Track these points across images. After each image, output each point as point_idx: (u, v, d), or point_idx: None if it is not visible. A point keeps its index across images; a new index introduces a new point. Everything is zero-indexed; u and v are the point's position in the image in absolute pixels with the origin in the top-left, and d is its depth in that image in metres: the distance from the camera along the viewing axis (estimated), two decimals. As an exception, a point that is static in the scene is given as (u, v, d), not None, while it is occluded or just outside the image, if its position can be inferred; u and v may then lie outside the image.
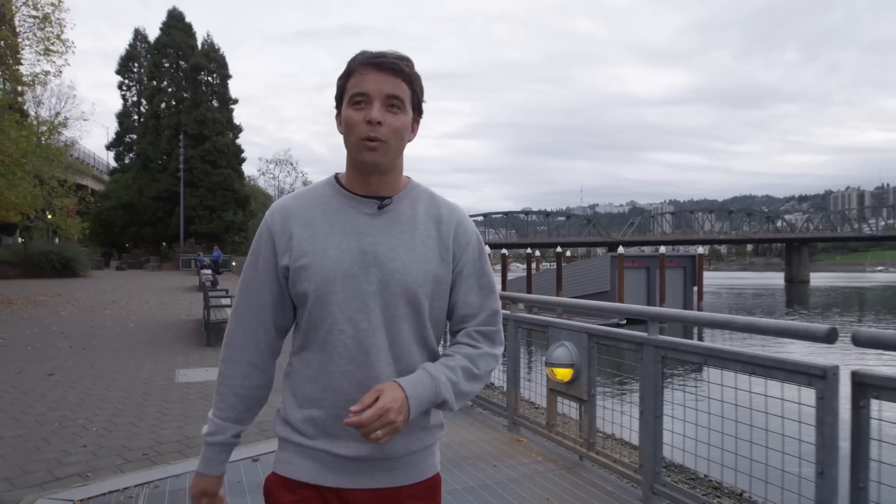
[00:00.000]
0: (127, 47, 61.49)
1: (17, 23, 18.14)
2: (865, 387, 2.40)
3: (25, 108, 24.20)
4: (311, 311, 1.26)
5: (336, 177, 1.35)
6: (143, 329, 11.61)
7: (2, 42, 17.91)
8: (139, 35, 62.11)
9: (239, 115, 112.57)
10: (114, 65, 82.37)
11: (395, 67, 1.24)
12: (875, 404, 2.38)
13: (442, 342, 1.44)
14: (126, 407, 5.65)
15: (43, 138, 19.51)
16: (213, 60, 50.18)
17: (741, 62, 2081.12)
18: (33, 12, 18.32)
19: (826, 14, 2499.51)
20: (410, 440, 1.29)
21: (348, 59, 1.29)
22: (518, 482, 3.77)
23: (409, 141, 1.31)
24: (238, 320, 1.34)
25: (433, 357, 1.33)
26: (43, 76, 19.30)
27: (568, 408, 4.49)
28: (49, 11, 18.01)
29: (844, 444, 2.50)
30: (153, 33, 60.04)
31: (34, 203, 20.06)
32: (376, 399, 1.15)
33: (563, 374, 4.15)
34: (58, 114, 26.39)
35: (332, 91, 1.34)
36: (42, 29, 18.29)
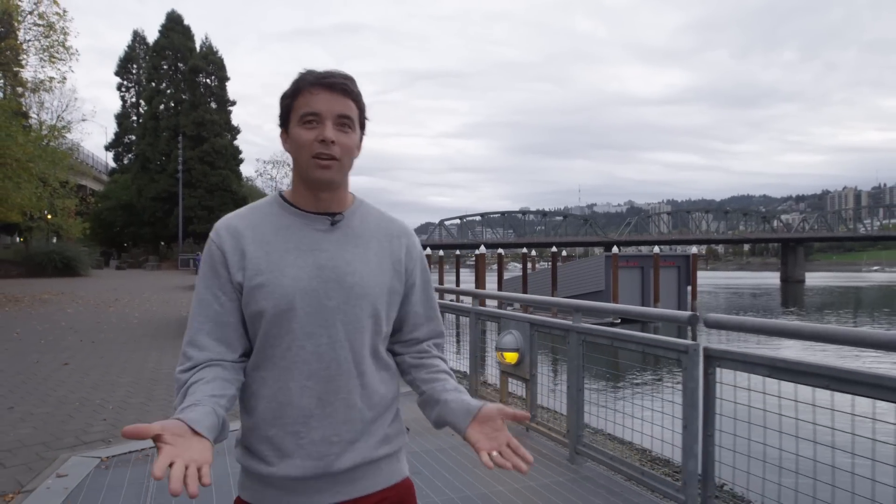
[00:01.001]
0: (126, 49, 62.34)
1: (21, 32, 18.84)
2: (712, 358, 3.15)
3: (29, 112, 24.83)
4: (269, 329, 1.26)
5: (281, 195, 1.36)
6: (146, 325, 12.36)
7: (8, 52, 18.64)
8: (138, 37, 62.94)
9: (236, 114, 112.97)
10: (110, 63, 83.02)
11: (346, 88, 1.28)
12: (719, 372, 3.14)
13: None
14: (137, 390, 6.39)
15: (48, 142, 20.19)
16: (212, 63, 50.96)
17: (740, 62, 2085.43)
18: (39, 21, 19.05)
19: (825, 13, 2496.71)
20: (367, 450, 1.31)
21: (295, 81, 1.31)
22: (468, 447, 4.51)
23: (356, 157, 1.35)
24: (188, 366, 1.25)
25: (384, 365, 1.37)
26: (48, 82, 20.03)
27: (517, 387, 5.24)
28: (55, 21, 18.75)
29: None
30: (151, 33, 60.63)
31: (38, 204, 20.79)
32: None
33: (511, 357, 4.90)
34: (59, 117, 27.02)
35: None
36: (47, 37, 19.02)
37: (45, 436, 4.70)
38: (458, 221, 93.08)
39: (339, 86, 1.27)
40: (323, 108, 1.26)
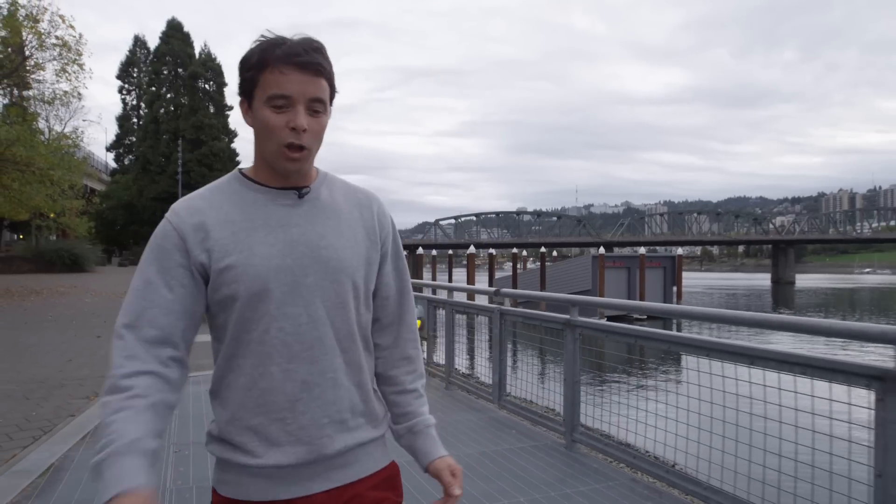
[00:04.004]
0: (127, 53, 64.72)
1: (42, 53, 21.06)
2: (503, 314, 5.43)
3: (38, 119, 26.94)
4: (243, 313, 1.19)
5: (241, 172, 1.27)
6: (155, 312, 14.63)
7: (23, 74, 20.92)
8: (139, 41, 65.27)
9: (233, 114, 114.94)
10: (101, 56, 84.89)
11: (319, 69, 1.18)
12: (509, 324, 5.42)
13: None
14: (156, 353, 8.65)
15: (66, 151, 22.43)
16: (210, 69, 53.33)
17: (739, 61, 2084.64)
18: (55, 42, 21.25)
19: (826, 12, 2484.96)
20: (359, 433, 1.27)
21: (262, 51, 1.17)
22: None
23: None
24: (133, 335, 1.16)
25: (368, 343, 1.32)
26: (63, 96, 22.29)
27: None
28: (70, 42, 20.99)
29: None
30: (147, 31, 62.32)
31: (53, 206, 23.05)
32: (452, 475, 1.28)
33: (418, 322, 7.25)
34: (70, 125, 29.24)
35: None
36: (63, 57, 21.24)
37: (104, 370, 6.98)
38: (453, 221, 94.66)
39: (314, 66, 1.17)
40: (295, 92, 1.15)
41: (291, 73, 1.15)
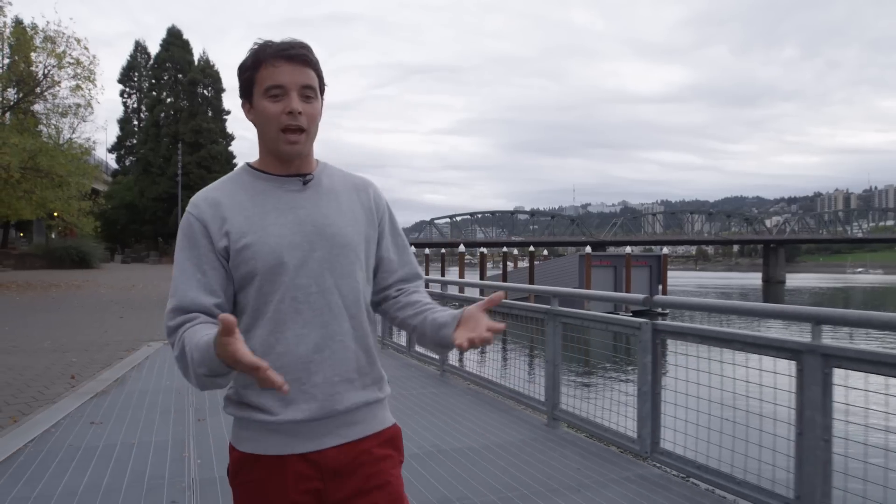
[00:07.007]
0: (128, 58, 67.11)
1: (61, 70, 23.47)
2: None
3: (55, 130, 29.24)
4: (262, 286, 1.33)
5: (248, 165, 1.43)
6: (164, 300, 16.96)
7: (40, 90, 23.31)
8: (139, 47, 67.71)
9: (230, 118, 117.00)
10: (95, 52, 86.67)
11: (306, 59, 1.35)
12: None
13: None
14: (170, 328, 11.04)
15: (82, 159, 24.78)
16: (209, 75, 55.88)
17: (740, 58, 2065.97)
18: (70, 60, 23.64)
19: (828, 9, 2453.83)
20: (366, 393, 1.41)
21: (255, 52, 1.35)
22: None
23: (318, 123, 1.40)
24: (179, 314, 1.32)
25: (369, 311, 1.47)
26: (77, 109, 24.72)
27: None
28: (84, 61, 23.41)
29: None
30: (142, 31, 64.28)
31: (68, 208, 25.44)
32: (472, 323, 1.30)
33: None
34: (87, 139, 31.58)
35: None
36: (77, 75, 23.67)
37: (133, 337, 9.41)
38: (447, 220, 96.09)
39: (300, 57, 1.34)
40: (287, 80, 1.32)
41: (282, 65, 1.33)
